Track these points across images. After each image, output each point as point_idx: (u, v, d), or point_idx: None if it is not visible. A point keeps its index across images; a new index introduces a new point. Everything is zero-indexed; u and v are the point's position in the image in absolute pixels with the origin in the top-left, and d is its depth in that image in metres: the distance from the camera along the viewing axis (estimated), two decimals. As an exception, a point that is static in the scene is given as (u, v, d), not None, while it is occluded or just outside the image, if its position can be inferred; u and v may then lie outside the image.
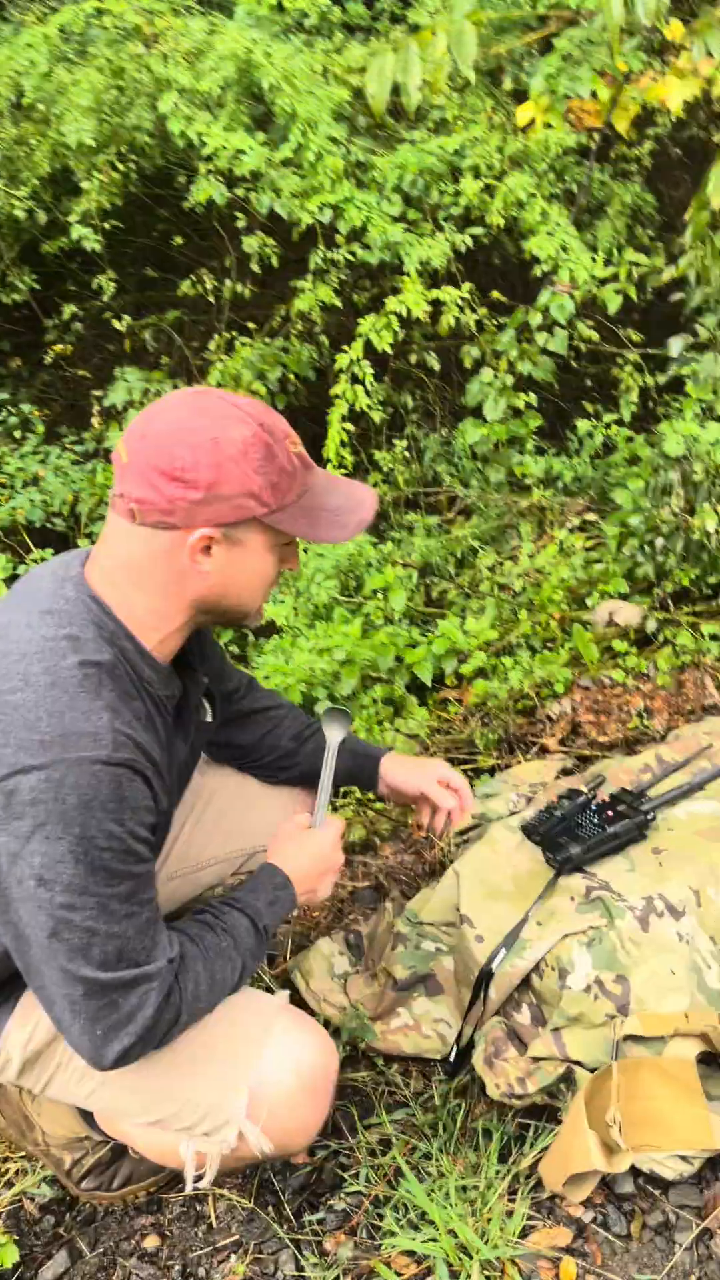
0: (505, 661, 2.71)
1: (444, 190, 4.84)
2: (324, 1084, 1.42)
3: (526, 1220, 1.53)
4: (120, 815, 1.22)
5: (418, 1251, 1.52)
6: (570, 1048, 1.56)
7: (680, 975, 1.57)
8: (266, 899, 1.49)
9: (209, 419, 1.26)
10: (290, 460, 1.31)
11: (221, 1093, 1.39)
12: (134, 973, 1.25)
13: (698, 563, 2.73)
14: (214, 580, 1.31)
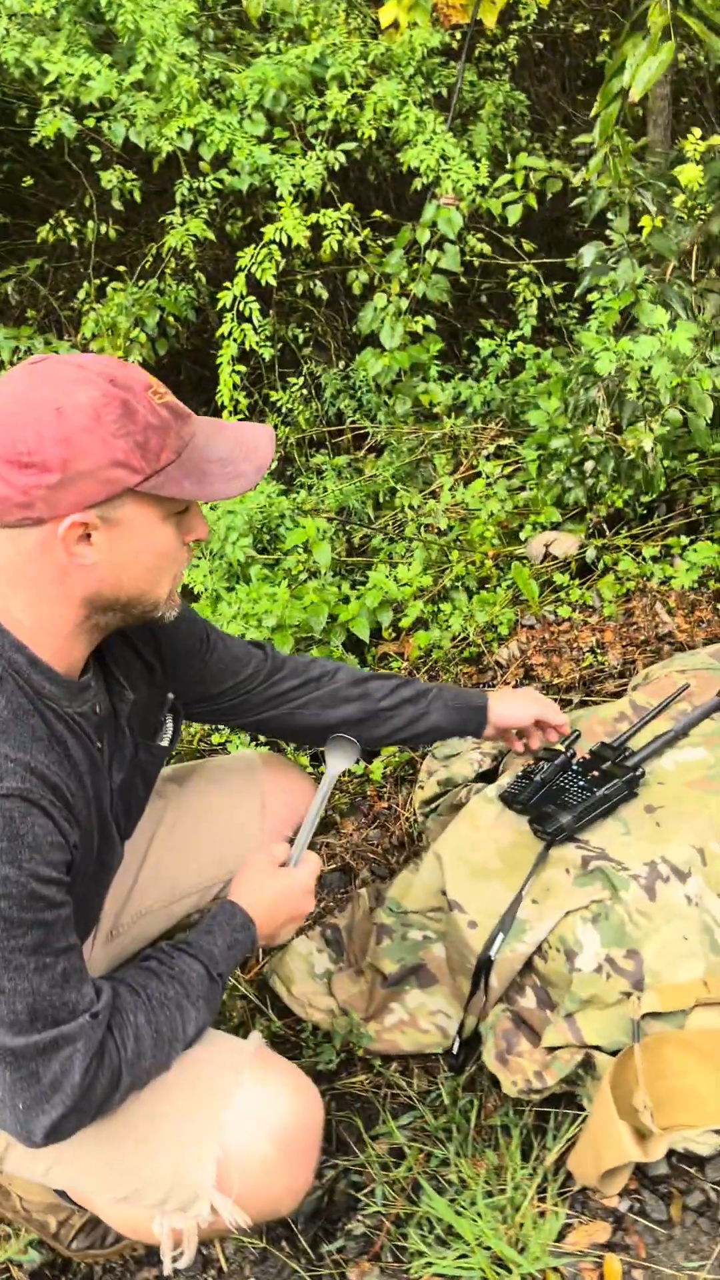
0: (444, 608, 2.57)
1: (309, 105, 4.56)
2: (305, 1143, 1.25)
3: (560, 1220, 1.43)
4: (15, 855, 1.04)
5: (449, 1273, 1.42)
6: (586, 1033, 1.46)
7: (693, 940, 1.47)
8: (224, 942, 1.31)
9: (48, 388, 1.08)
10: (156, 414, 1.12)
11: (183, 1166, 1.22)
12: (51, 1035, 1.08)
13: (630, 483, 2.61)
14: (103, 572, 1.13)
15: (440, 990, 1.68)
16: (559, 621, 2.49)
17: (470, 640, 2.47)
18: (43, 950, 1.08)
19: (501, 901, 1.59)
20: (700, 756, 1.63)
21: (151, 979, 1.23)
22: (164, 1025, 1.20)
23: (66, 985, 1.10)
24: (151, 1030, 1.19)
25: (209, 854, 1.68)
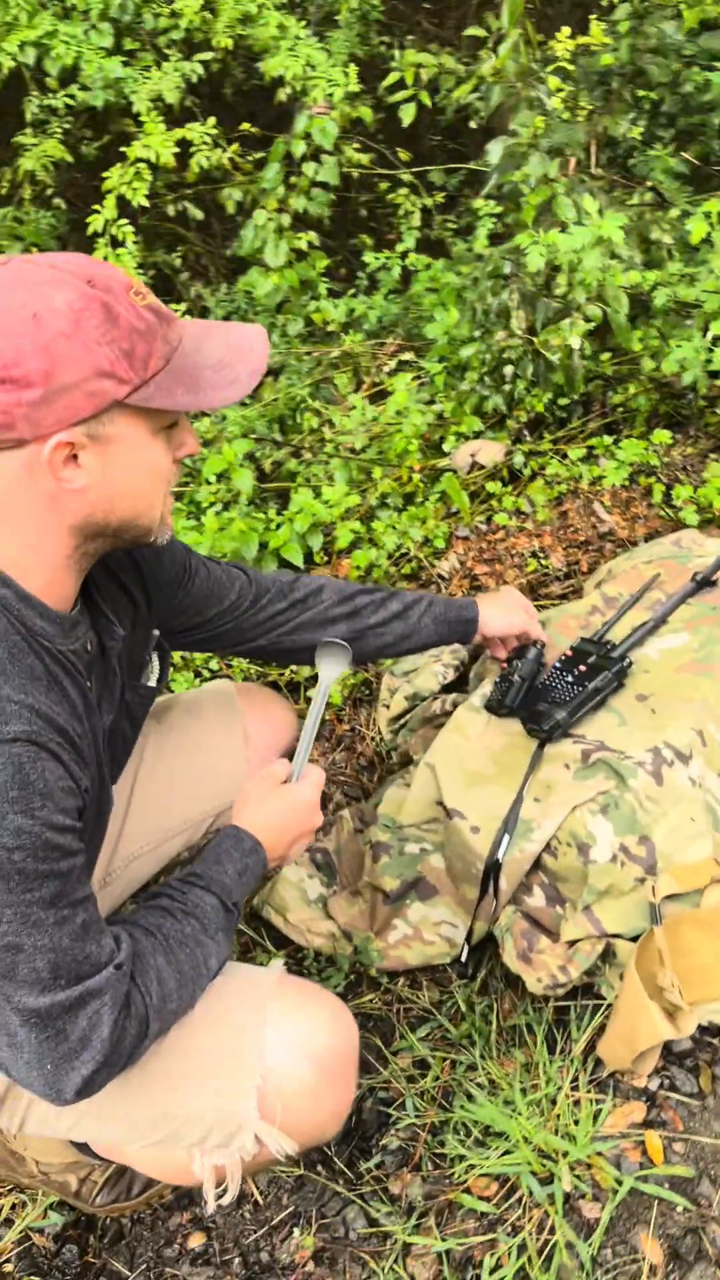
0: (375, 525, 2.52)
1: (158, 13, 4.33)
2: (344, 1063, 1.22)
3: (595, 1106, 1.45)
4: (28, 805, 0.96)
5: (494, 1171, 1.42)
6: (605, 922, 1.47)
7: (700, 821, 1.49)
8: (235, 869, 1.24)
9: (20, 292, 0.97)
10: (140, 317, 1.02)
11: (222, 1100, 1.17)
12: (78, 990, 1.01)
13: (549, 386, 2.59)
14: (93, 495, 1.03)
15: (443, 900, 1.66)
16: (494, 530, 2.47)
17: (410, 555, 2.43)
18: (60, 903, 1.00)
19: (501, 805, 1.58)
20: (684, 642, 1.64)
21: (166, 918, 1.17)
22: (185, 964, 1.14)
23: (86, 937, 1.03)
24: (174, 972, 1.13)
25: (195, 790, 1.62)
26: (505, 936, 1.53)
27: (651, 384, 2.66)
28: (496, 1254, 1.34)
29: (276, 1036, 1.18)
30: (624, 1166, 1.39)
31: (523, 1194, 1.39)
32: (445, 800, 1.62)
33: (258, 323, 3.83)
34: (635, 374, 2.70)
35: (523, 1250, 1.33)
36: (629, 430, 2.66)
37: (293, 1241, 1.44)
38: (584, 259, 2.03)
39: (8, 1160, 1.48)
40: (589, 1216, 1.35)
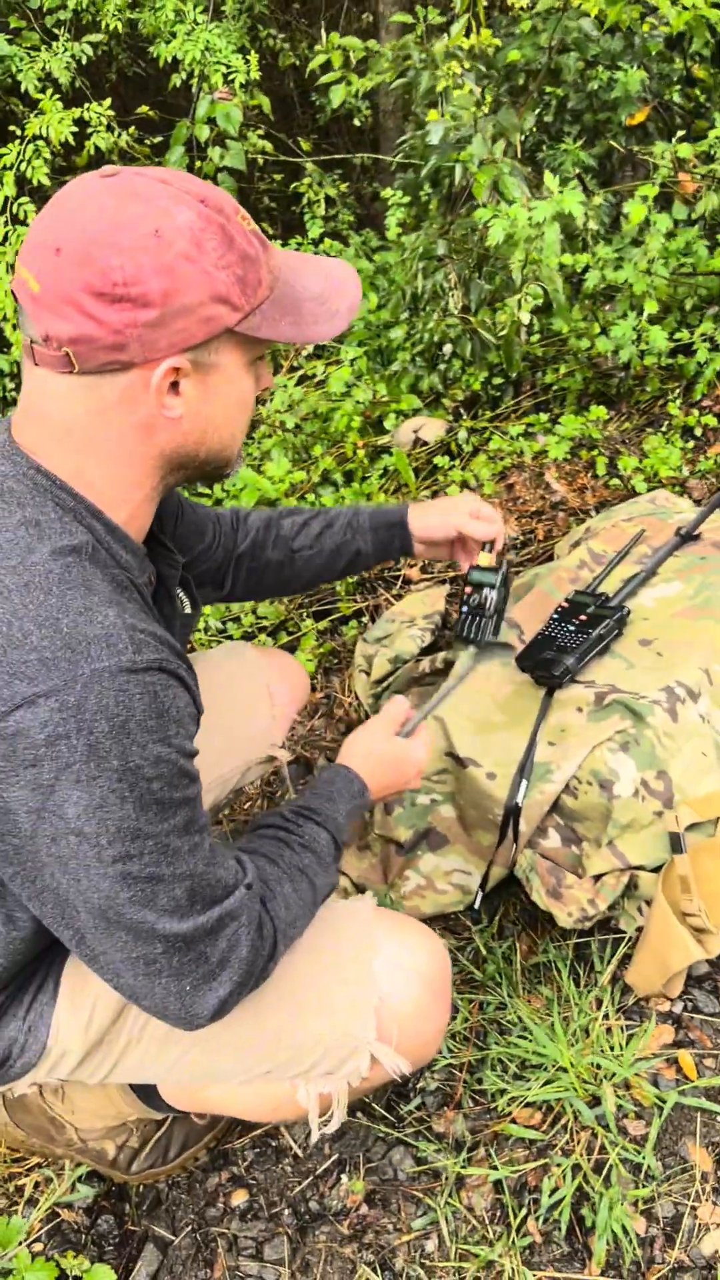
0: (324, 500, 2.53)
1: (45, -9, 4.23)
2: (445, 982, 1.26)
3: (627, 1032, 1.51)
4: (164, 733, 0.94)
5: (536, 1100, 1.46)
6: (629, 855, 1.53)
7: (711, 756, 1.57)
8: (345, 809, 1.27)
9: (139, 205, 0.93)
10: (250, 243, 0.99)
11: (344, 1021, 1.19)
12: (216, 913, 1.01)
13: (484, 365, 2.66)
14: (187, 425, 1.01)
15: (454, 849, 1.69)
16: (442, 503, 2.52)
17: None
18: (191, 829, 0.99)
19: (515, 750, 1.62)
20: (678, 590, 1.72)
21: (284, 848, 1.18)
22: (305, 893, 1.16)
23: (215, 861, 1.03)
24: (298, 899, 1.14)
25: (225, 746, 1.60)
26: (531, 876, 1.57)
27: (580, 363, 2.77)
28: (553, 1176, 1.37)
29: (385, 959, 1.21)
30: (661, 1085, 1.45)
31: (567, 1120, 1.43)
32: (457, 750, 1.65)
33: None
34: (563, 355, 2.81)
35: (577, 1170, 1.37)
36: (560, 409, 2.76)
37: (341, 1188, 1.44)
38: (546, 232, 2.10)
39: (46, 1129, 1.43)
40: (635, 1134, 1.41)
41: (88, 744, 0.89)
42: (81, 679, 0.89)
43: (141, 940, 0.97)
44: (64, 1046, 1.20)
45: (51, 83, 4.04)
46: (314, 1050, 1.19)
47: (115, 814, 0.91)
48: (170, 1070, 1.23)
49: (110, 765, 0.90)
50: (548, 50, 2.90)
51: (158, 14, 4.08)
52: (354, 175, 4.86)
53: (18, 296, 0.97)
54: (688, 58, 3.35)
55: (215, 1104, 1.29)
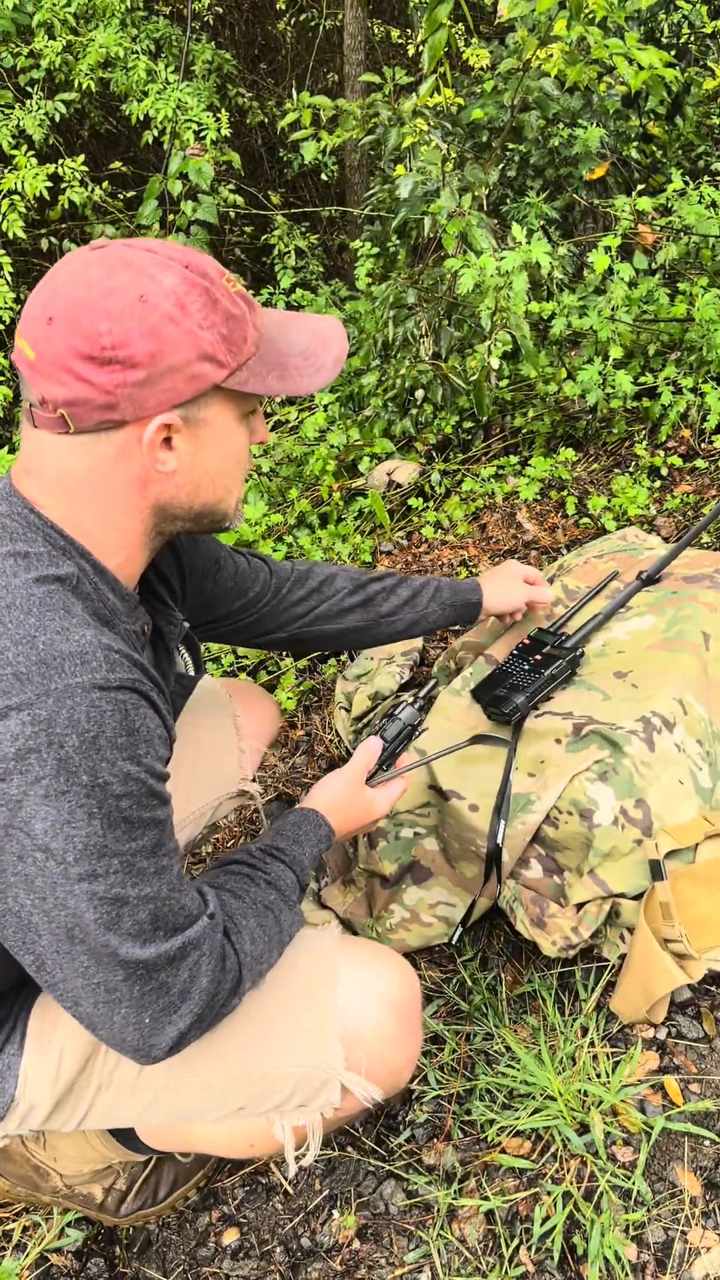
0: (302, 541, 2.57)
1: (17, 51, 4.33)
2: (414, 1008, 1.26)
3: (613, 1059, 1.52)
4: (134, 751, 0.96)
5: (528, 1129, 1.47)
6: (610, 883, 1.55)
7: (688, 784, 1.60)
8: (311, 854, 1.28)
9: (127, 273, 0.98)
10: (235, 303, 1.04)
11: (311, 1052, 1.19)
12: (179, 941, 1.02)
13: (454, 409, 2.72)
14: (181, 478, 1.06)
15: (439, 882, 1.71)
16: (416, 545, 2.57)
17: (343, 567, 2.49)
18: (159, 852, 1.01)
19: (497, 781, 1.65)
20: (650, 623, 1.77)
21: (250, 884, 1.18)
22: (271, 929, 1.16)
23: (181, 889, 1.04)
24: (263, 934, 1.15)
25: (194, 784, 1.62)
26: (515, 907, 1.59)
27: (547, 407, 2.84)
28: (543, 1205, 1.38)
29: (350, 987, 1.21)
30: (648, 1110, 1.46)
31: (556, 1148, 1.44)
32: (440, 783, 1.68)
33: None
34: (531, 399, 2.88)
35: (568, 1198, 1.38)
36: (529, 451, 2.82)
37: (333, 1223, 1.44)
38: (514, 281, 2.17)
39: (30, 1177, 1.42)
40: (625, 1160, 1.42)
41: (58, 758, 0.91)
42: (54, 693, 0.92)
43: (103, 966, 0.97)
44: (32, 1099, 1.20)
45: (25, 139, 4.12)
46: (284, 1084, 1.18)
47: (82, 830, 0.93)
48: (143, 1114, 1.23)
49: (79, 781, 0.92)
50: (510, 109, 3.01)
51: (130, 74, 4.18)
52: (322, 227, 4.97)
53: (17, 366, 1.01)
54: (644, 115, 3.48)
55: (193, 1142, 1.29)
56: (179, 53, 4.88)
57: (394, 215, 2.76)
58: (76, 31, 4.46)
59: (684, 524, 2.40)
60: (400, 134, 2.70)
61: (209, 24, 5.40)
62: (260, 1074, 1.19)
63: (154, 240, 1.04)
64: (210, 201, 3.78)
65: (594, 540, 2.09)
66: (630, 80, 2.54)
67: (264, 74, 6.24)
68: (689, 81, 3.67)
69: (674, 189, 2.91)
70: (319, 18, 5.75)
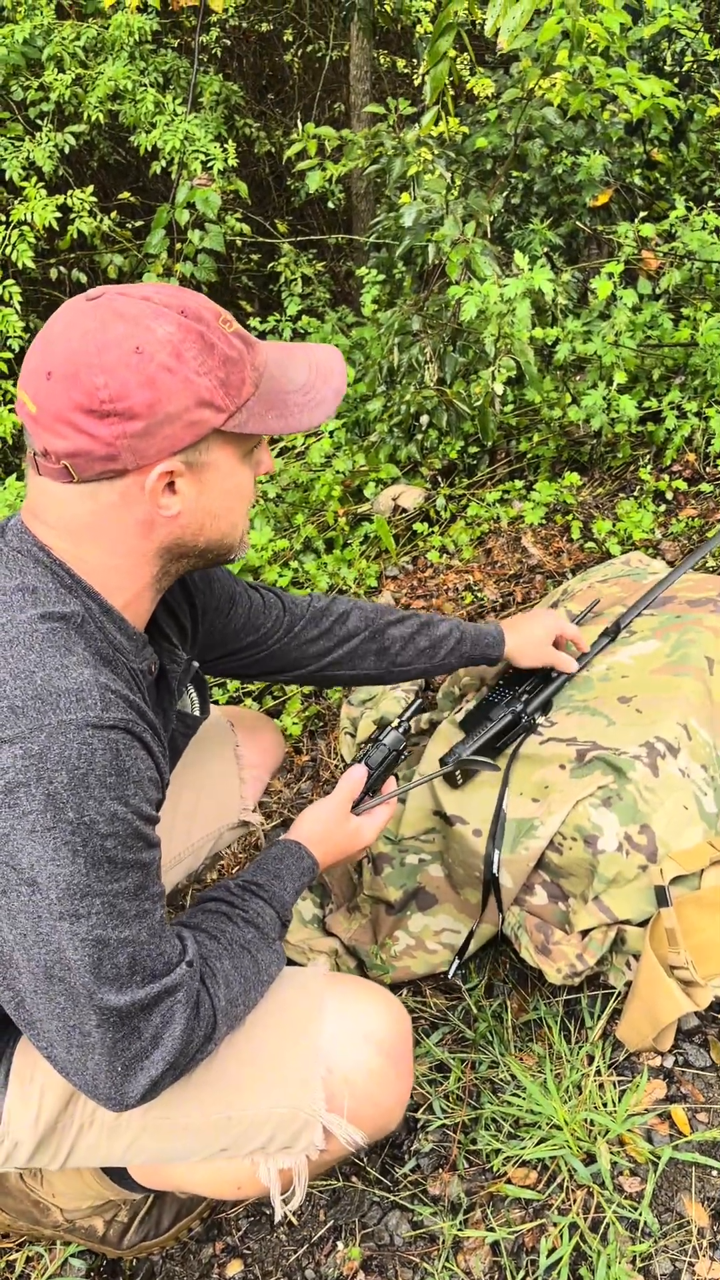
0: (308, 567, 2.58)
1: (27, 85, 4.38)
2: (404, 1049, 1.23)
3: (620, 1088, 1.51)
4: (123, 791, 0.97)
5: (534, 1159, 1.46)
6: (615, 909, 1.55)
7: (692, 809, 1.59)
8: (294, 888, 1.28)
9: (121, 325, 0.99)
10: (232, 345, 1.05)
11: (291, 1094, 1.17)
12: (155, 989, 1.01)
13: (459, 435, 2.74)
14: (185, 520, 1.06)
15: (444, 909, 1.71)
16: (422, 569, 2.57)
17: (349, 592, 2.50)
18: (141, 895, 1.00)
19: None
20: (655, 647, 1.77)
21: (227, 924, 1.18)
22: (249, 970, 1.15)
23: (162, 934, 1.04)
24: (239, 976, 1.14)
25: (196, 815, 1.62)
26: (519, 934, 1.58)
27: (552, 432, 2.85)
28: (549, 1236, 1.37)
29: (336, 1026, 1.19)
30: (655, 1140, 1.45)
31: (563, 1178, 1.43)
32: (444, 808, 1.68)
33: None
34: (536, 424, 2.89)
35: (574, 1229, 1.37)
36: (534, 476, 2.83)
37: (338, 1255, 1.43)
38: (517, 308, 2.19)
39: (30, 1212, 1.42)
40: (631, 1190, 1.40)
41: (46, 793, 0.92)
42: (47, 728, 0.93)
43: (78, 1008, 0.97)
44: (15, 1137, 1.19)
45: (35, 171, 4.16)
46: (265, 1126, 1.17)
47: (66, 868, 0.93)
48: (126, 1154, 1.21)
49: (66, 817, 0.92)
50: (514, 137, 3.04)
51: (138, 106, 4.23)
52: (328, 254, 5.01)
53: (20, 418, 1.03)
54: (647, 142, 3.50)
55: (181, 1184, 1.28)
56: (187, 85, 4.94)
57: (399, 243, 2.79)
58: (86, 65, 4.52)
59: (689, 548, 2.40)
60: (405, 163, 2.73)
61: (217, 56, 5.47)
62: (240, 1114, 1.17)
63: (149, 285, 1.05)
64: (217, 230, 3.82)
65: (598, 565, 2.09)
66: (632, 109, 2.55)
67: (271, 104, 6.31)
68: (692, 109, 3.70)
69: (677, 215, 2.93)
70: (325, 49, 5.81)
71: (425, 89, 2.21)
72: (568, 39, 2.29)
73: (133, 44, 4.62)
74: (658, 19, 3.12)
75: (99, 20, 4.68)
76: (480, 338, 2.53)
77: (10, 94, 4.34)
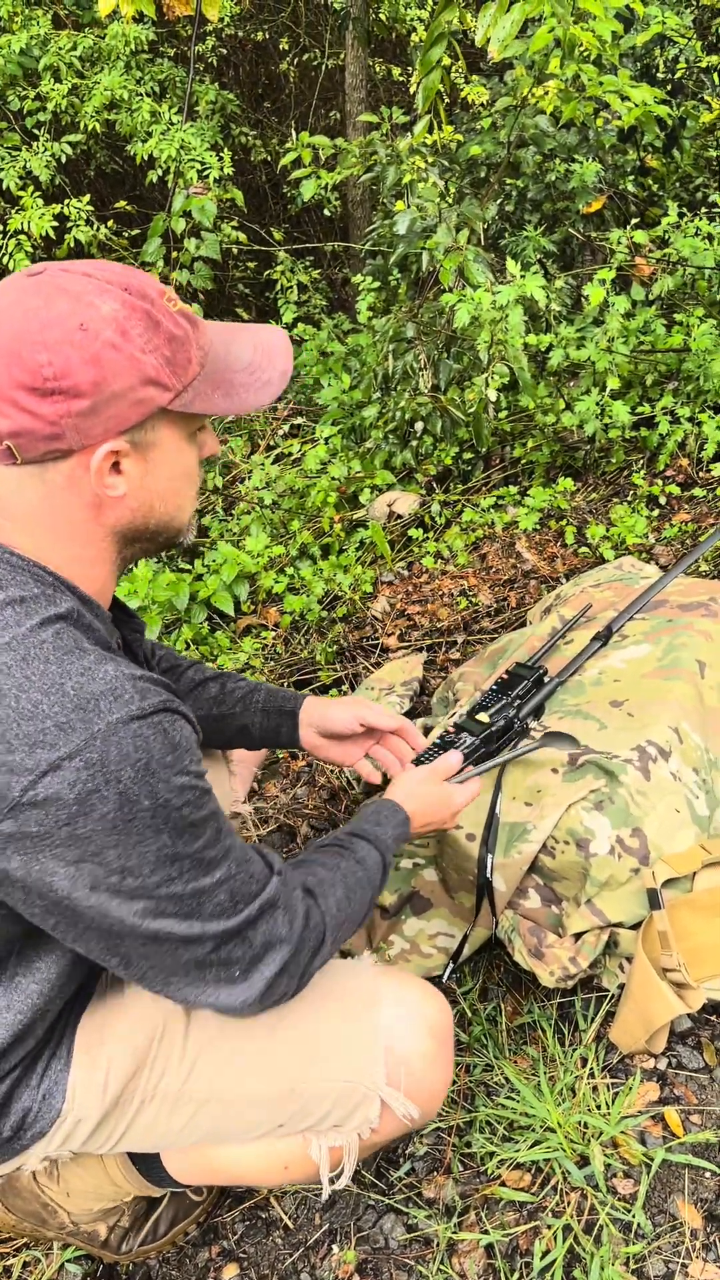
0: (304, 573, 2.59)
1: (24, 95, 4.41)
2: (451, 1034, 1.28)
3: (612, 1090, 1.52)
4: (181, 764, 0.99)
5: (527, 1161, 1.46)
6: (608, 912, 1.55)
7: (684, 812, 1.60)
8: (392, 834, 1.34)
9: (65, 301, 0.98)
10: (177, 324, 1.04)
11: (354, 1066, 1.21)
12: (256, 905, 1.06)
13: (454, 441, 2.75)
14: (133, 501, 1.06)
15: (438, 913, 1.71)
16: (417, 575, 2.58)
17: (345, 598, 2.51)
18: (221, 837, 1.04)
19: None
20: (647, 651, 1.78)
21: (340, 859, 1.24)
22: (356, 900, 1.22)
23: (247, 859, 1.08)
24: (349, 903, 1.20)
25: None
26: (513, 937, 1.59)
27: (546, 437, 2.86)
28: (543, 1239, 1.38)
29: (394, 1009, 1.23)
30: (648, 1142, 1.46)
31: (557, 1180, 1.43)
32: (438, 813, 1.68)
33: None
34: (530, 430, 2.90)
35: (568, 1231, 1.38)
36: (528, 481, 2.84)
37: (333, 1258, 1.43)
38: (510, 315, 2.20)
39: (38, 1213, 1.42)
40: (625, 1192, 1.41)
41: (118, 793, 0.94)
42: (100, 735, 0.94)
43: (191, 945, 1.02)
44: (80, 1112, 1.19)
45: (32, 180, 4.19)
46: (325, 1099, 1.20)
47: (153, 845, 0.96)
48: (182, 1133, 1.23)
49: (142, 806, 0.95)
50: (507, 145, 3.05)
51: (135, 115, 4.25)
52: (325, 262, 5.03)
53: None
54: (640, 149, 3.52)
55: (223, 1170, 1.29)
56: (183, 94, 4.97)
57: (394, 250, 2.80)
58: (82, 75, 4.55)
59: (682, 552, 2.41)
60: (399, 171, 2.75)
61: (213, 65, 5.50)
62: (303, 1086, 1.20)
63: (92, 262, 1.04)
64: (213, 239, 3.83)
65: (591, 570, 2.10)
66: (625, 116, 2.57)
67: (267, 112, 6.34)
68: (685, 115, 3.72)
69: (670, 221, 2.95)
70: (321, 58, 5.84)
71: (418, 97, 2.23)
72: (560, 47, 2.31)
73: (129, 53, 4.65)
74: (650, 26, 3.14)
75: (95, 30, 4.71)
76: (474, 344, 2.55)
77: (7, 104, 4.36)
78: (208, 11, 4.19)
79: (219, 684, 1.58)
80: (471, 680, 1.93)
